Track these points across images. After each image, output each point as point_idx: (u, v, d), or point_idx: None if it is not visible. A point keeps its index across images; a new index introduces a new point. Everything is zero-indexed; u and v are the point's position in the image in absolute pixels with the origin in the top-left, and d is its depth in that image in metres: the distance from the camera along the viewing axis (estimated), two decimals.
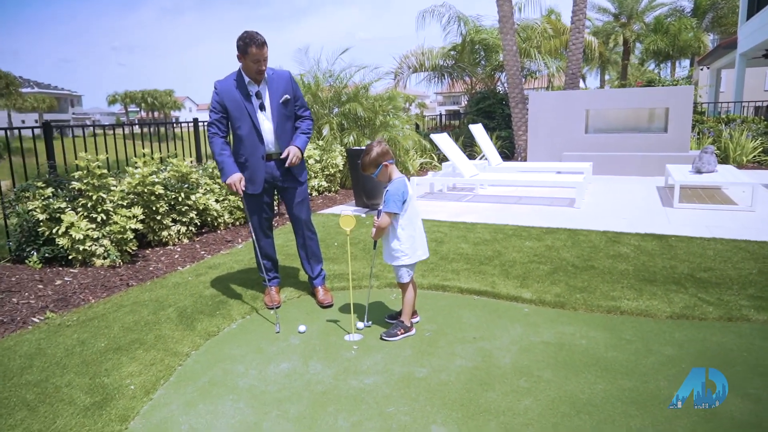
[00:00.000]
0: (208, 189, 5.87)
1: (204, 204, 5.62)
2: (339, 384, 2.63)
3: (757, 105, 15.44)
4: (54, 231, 4.38)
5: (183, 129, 7.84)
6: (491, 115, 13.43)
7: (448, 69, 15.61)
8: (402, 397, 2.49)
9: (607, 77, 36.47)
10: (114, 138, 6.47)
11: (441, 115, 17.53)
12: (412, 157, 10.44)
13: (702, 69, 26.05)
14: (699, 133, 11.18)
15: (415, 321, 3.29)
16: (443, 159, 11.34)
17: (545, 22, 15.26)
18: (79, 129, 6.06)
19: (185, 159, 5.81)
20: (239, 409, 2.44)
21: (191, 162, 6.04)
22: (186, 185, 5.50)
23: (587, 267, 4.20)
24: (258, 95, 3.41)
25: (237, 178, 3.39)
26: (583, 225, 5.59)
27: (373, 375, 2.70)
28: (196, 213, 5.52)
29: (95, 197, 4.52)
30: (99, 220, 4.52)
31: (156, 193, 5.03)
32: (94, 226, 4.48)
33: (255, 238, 3.66)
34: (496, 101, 13.57)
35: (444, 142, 8.11)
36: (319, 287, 3.75)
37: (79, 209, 4.52)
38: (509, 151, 12.62)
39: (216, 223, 5.87)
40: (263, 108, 3.44)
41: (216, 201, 5.89)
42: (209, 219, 5.78)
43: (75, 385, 2.64)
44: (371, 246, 4.99)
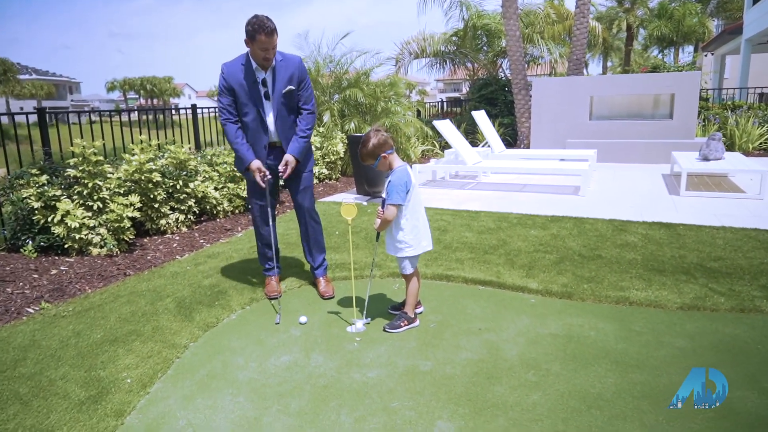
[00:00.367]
0: (206, 176, 5.76)
1: (203, 192, 5.52)
2: (341, 377, 2.55)
3: (762, 91, 15.24)
4: (49, 219, 4.29)
5: (182, 116, 7.71)
6: (494, 102, 13.27)
7: (449, 55, 15.40)
8: (406, 392, 2.41)
9: (610, 64, 36.12)
10: (111, 125, 6.35)
11: (442, 102, 17.35)
12: (413, 144, 10.31)
13: (706, 55, 25.78)
14: (704, 120, 11.03)
15: (419, 312, 3.21)
16: (445, 146, 11.21)
17: (548, 6, 15.03)
18: (78, 116, 5.94)
19: (183, 146, 5.70)
20: (239, 404, 2.37)
21: (189, 149, 5.92)
22: (184, 172, 5.39)
23: (594, 256, 4.11)
24: (264, 83, 3.29)
25: (256, 166, 3.30)
26: (589, 213, 5.49)
27: (377, 368, 2.62)
28: (194, 201, 5.42)
29: (91, 185, 4.42)
30: (95, 208, 4.42)
31: (153, 181, 4.93)
32: (90, 214, 4.39)
33: (255, 225, 3.57)
34: (498, 88, 13.39)
35: (446, 128, 7.99)
36: (321, 278, 3.67)
37: (75, 197, 4.42)
38: (512, 138, 12.48)
39: (215, 211, 5.78)
40: (268, 97, 3.32)
41: (215, 189, 5.79)
42: (208, 207, 5.68)
43: (70, 379, 2.56)
44: (373, 235, 4.90)
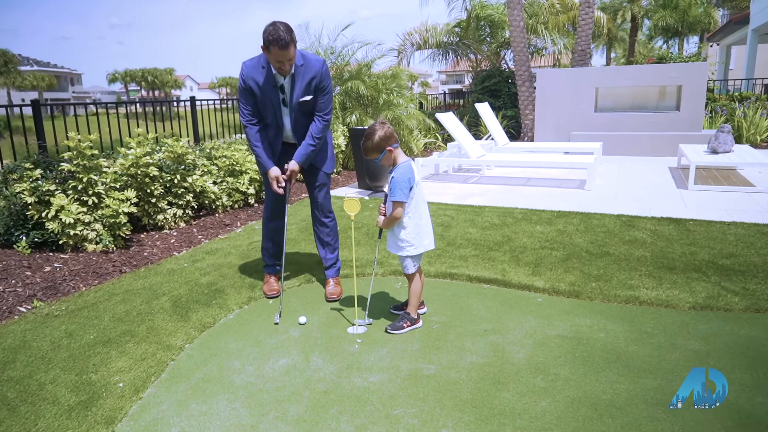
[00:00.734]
0: (205, 170, 5.65)
1: (201, 186, 5.41)
2: (342, 382, 2.45)
3: None
4: (43, 215, 4.18)
5: (183, 108, 7.59)
6: (497, 94, 13.10)
7: (452, 46, 15.22)
8: (409, 398, 2.31)
9: (613, 55, 35.77)
10: (108, 117, 6.24)
11: (445, 94, 17.17)
12: (416, 137, 10.18)
13: (711, 45, 25.47)
14: (711, 112, 10.87)
15: (422, 312, 3.11)
16: (448, 138, 11.08)
17: None
18: (78, 107, 5.83)
19: (182, 139, 5.58)
20: (234, 410, 2.27)
21: (188, 142, 5.80)
22: (182, 166, 5.28)
23: (602, 253, 4.00)
24: (282, 89, 3.17)
25: (274, 175, 3.24)
26: (596, 208, 5.37)
27: (379, 372, 2.52)
28: (192, 195, 5.31)
29: (86, 179, 4.31)
30: (90, 203, 4.32)
31: (150, 175, 4.82)
32: (85, 209, 4.28)
33: (265, 218, 3.50)
34: (501, 79, 13.21)
35: (450, 121, 7.85)
36: (330, 279, 3.54)
37: (70, 192, 4.31)
38: (515, 131, 12.32)
39: (214, 206, 5.67)
40: (285, 103, 3.23)
41: (213, 183, 5.68)
42: (207, 202, 5.57)
43: (60, 382, 2.47)
44: (375, 231, 4.79)
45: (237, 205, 5.94)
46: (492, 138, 9.31)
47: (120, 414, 2.25)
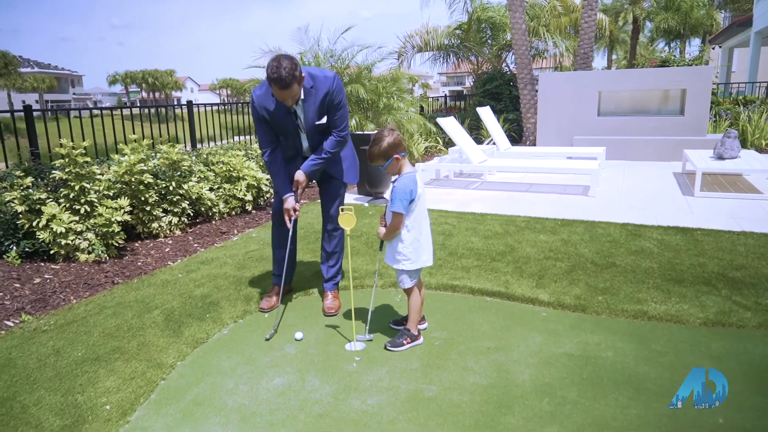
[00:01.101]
0: (202, 177, 5.55)
1: (197, 193, 5.30)
2: (339, 404, 2.34)
3: None
4: (34, 224, 4.08)
5: (180, 111, 7.49)
6: (498, 97, 12.99)
7: (453, 49, 15.12)
8: (409, 422, 2.20)
9: (614, 57, 35.64)
10: (102, 119, 6.13)
11: (445, 97, 17.07)
12: (416, 141, 10.08)
13: (713, 48, 25.37)
14: (715, 116, 10.75)
15: (423, 327, 3.00)
16: (449, 142, 10.97)
17: None
18: (74, 112, 5.73)
19: (178, 144, 5.47)
20: None
21: (183, 148, 5.70)
22: (178, 173, 5.18)
23: (608, 264, 3.88)
24: (295, 115, 3.10)
25: (289, 206, 3.18)
26: (600, 216, 5.25)
27: (377, 394, 2.41)
28: (188, 203, 5.21)
29: (78, 187, 4.21)
30: (83, 211, 4.21)
31: (145, 182, 4.72)
32: (77, 218, 4.18)
33: (273, 222, 3.45)
34: (503, 82, 13.11)
35: (451, 126, 7.74)
36: (329, 293, 3.44)
37: (62, 200, 4.21)
38: (517, 135, 12.21)
39: (210, 213, 5.56)
40: (301, 128, 3.16)
41: (210, 189, 5.57)
42: (203, 209, 5.46)
43: (44, 405, 2.36)
44: (375, 240, 4.68)
45: (234, 212, 5.83)
46: (493, 142, 9.20)
47: None
